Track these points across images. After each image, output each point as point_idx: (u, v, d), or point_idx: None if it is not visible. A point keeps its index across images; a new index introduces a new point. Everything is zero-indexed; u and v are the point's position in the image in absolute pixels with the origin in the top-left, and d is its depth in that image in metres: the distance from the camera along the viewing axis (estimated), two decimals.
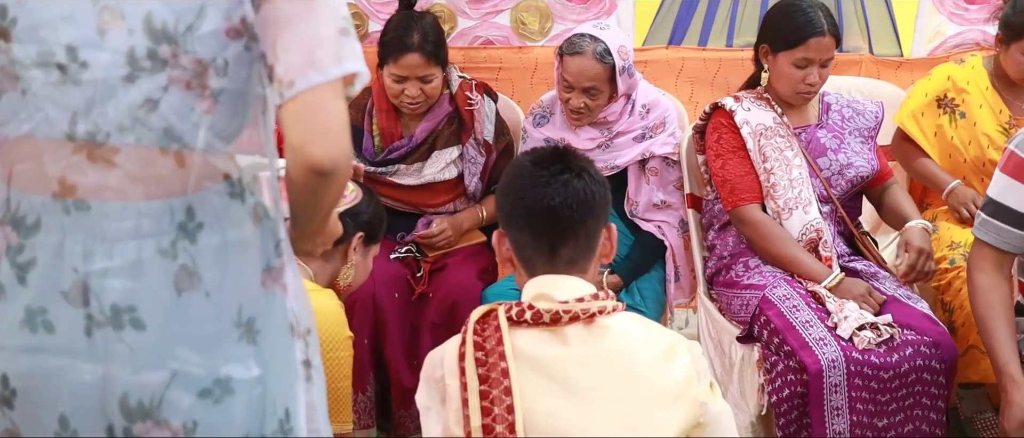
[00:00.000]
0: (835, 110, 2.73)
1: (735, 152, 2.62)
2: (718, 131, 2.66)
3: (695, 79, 3.47)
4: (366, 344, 2.70)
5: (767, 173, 2.58)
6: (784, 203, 2.56)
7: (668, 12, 3.43)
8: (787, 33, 2.53)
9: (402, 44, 2.69)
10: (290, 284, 1.42)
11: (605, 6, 3.42)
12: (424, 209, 2.90)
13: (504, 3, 3.44)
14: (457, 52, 3.46)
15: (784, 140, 2.61)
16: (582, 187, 1.59)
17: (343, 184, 1.36)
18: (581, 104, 2.67)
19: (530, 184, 1.60)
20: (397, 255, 2.81)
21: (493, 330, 1.54)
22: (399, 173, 2.85)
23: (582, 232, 1.60)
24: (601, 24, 2.74)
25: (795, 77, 2.54)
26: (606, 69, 2.64)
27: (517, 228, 1.62)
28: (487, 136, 2.88)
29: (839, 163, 2.64)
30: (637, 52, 3.43)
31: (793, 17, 2.54)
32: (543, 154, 1.66)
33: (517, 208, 1.61)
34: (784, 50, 2.54)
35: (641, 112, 2.78)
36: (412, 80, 2.72)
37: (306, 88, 1.27)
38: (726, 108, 2.65)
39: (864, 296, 2.44)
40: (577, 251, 1.60)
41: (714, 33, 3.46)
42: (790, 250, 2.53)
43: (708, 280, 2.77)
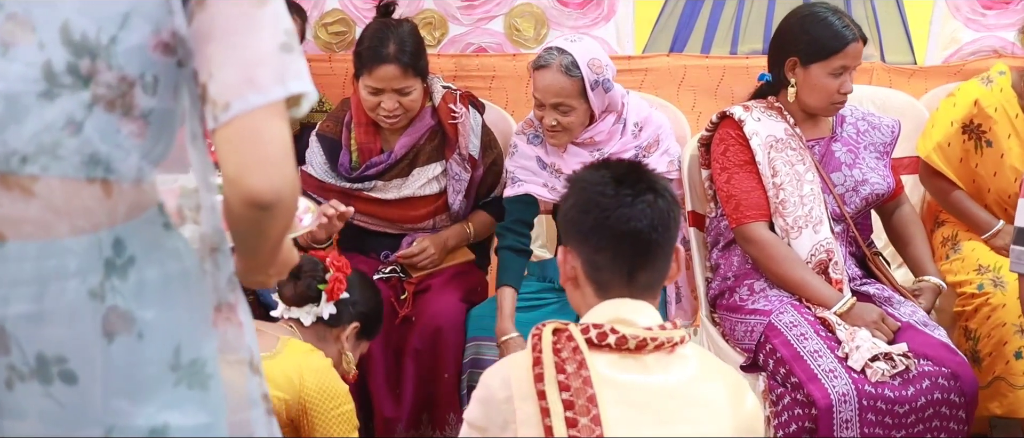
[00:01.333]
0: (850, 123, 2.57)
1: (742, 166, 2.45)
2: (725, 143, 2.49)
3: (698, 88, 3.31)
4: None
5: (776, 188, 2.42)
6: (793, 221, 2.40)
7: (669, 18, 3.27)
8: (824, 42, 2.38)
9: (377, 55, 2.53)
10: (243, 319, 1.29)
11: (603, 12, 3.26)
12: (402, 225, 2.73)
13: (497, 8, 3.29)
14: (448, 60, 3.32)
15: (796, 153, 2.44)
16: (665, 208, 1.53)
17: (288, 217, 1.22)
18: (553, 121, 2.50)
19: (615, 203, 1.51)
20: (380, 276, 2.65)
21: (571, 352, 1.45)
22: (376, 189, 2.68)
23: (661, 256, 1.54)
24: (574, 37, 2.57)
25: (831, 87, 2.39)
26: (574, 83, 2.46)
27: (595, 248, 1.53)
28: (472, 151, 2.71)
29: (854, 179, 2.48)
30: (637, 60, 3.30)
31: (827, 25, 2.39)
32: (623, 170, 1.58)
33: (601, 227, 1.52)
34: (819, 60, 2.38)
35: (634, 131, 2.61)
36: (388, 92, 2.56)
37: (243, 111, 1.12)
38: (735, 117, 2.48)
39: (877, 323, 2.28)
40: (655, 275, 1.55)
41: (718, 40, 3.30)
42: (798, 273, 2.37)
43: (711, 302, 2.61)
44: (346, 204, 2.64)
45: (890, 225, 2.65)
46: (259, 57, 1.14)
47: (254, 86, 1.12)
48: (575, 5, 3.26)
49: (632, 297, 1.52)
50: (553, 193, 2.63)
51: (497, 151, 2.77)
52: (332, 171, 2.68)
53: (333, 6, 3.31)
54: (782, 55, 2.46)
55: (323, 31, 3.33)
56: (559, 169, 2.62)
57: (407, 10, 3.29)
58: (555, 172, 2.63)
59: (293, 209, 1.21)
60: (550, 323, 1.50)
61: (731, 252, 2.54)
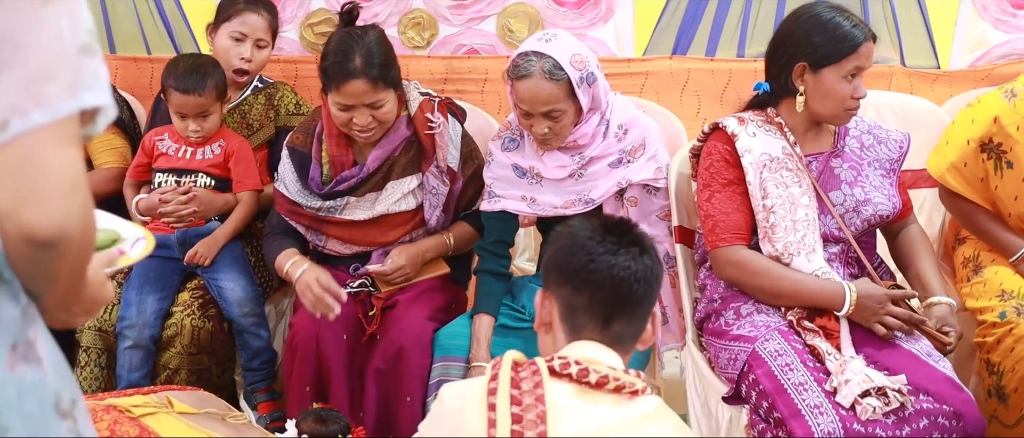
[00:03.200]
0: (854, 137, 2.34)
1: (726, 185, 2.26)
2: (711, 158, 2.30)
3: (702, 92, 3.11)
4: (308, 392, 2.40)
5: (767, 212, 2.21)
6: (784, 247, 2.19)
7: (672, 18, 3.07)
8: (835, 43, 2.18)
9: (343, 70, 2.35)
10: (45, 355, 1.09)
11: (600, 11, 3.08)
12: (377, 247, 2.56)
13: (489, 8, 3.12)
14: (439, 62, 3.17)
15: (791, 174, 2.23)
16: (649, 264, 1.55)
17: (78, 256, 1.04)
18: (545, 129, 2.33)
19: (603, 249, 1.54)
20: (348, 290, 2.49)
21: (531, 374, 1.47)
22: (348, 207, 2.52)
23: (638, 311, 1.56)
24: (547, 34, 2.37)
25: (845, 92, 2.20)
26: (561, 86, 2.28)
27: (574, 290, 1.54)
28: (451, 163, 2.54)
29: (855, 199, 2.26)
30: (637, 62, 3.11)
31: (836, 26, 2.19)
32: (614, 223, 1.63)
33: (583, 269, 1.53)
34: (831, 64, 2.19)
35: (617, 133, 2.42)
36: (359, 108, 2.40)
37: (23, 132, 0.96)
38: (727, 131, 2.28)
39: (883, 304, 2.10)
40: (628, 329, 1.56)
41: (723, 42, 3.09)
42: (790, 278, 2.17)
43: (697, 325, 2.41)
44: (319, 230, 2.52)
45: (894, 245, 2.42)
46: (46, 65, 0.98)
47: (38, 101, 0.96)
48: (571, 5, 3.08)
49: (603, 343, 1.52)
50: (532, 205, 2.46)
51: (479, 162, 2.59)
52: (304, 188, 2.53)
53: (319, 5, 3.17)
54: (788, 61, 2.24)
55: (309, 31, 3.19)
56: (539, 173, 2.45)
57: (395, 9, 3.15)
58: (535, 178, 2.46)
59: (85, 246, 1.04)
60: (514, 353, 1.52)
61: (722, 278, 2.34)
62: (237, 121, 2.82)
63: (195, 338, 2.55)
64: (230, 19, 2.76)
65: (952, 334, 2.15)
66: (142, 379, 2.55)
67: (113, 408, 1.89)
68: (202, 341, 2.56)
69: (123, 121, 2.88)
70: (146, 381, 2.56)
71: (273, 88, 2.87)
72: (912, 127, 2.82)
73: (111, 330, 2.55)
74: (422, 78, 3.15)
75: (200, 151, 2.70)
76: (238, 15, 2.75)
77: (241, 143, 2.73)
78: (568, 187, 2.43)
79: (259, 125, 2.82)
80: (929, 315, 2.20)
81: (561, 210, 2.44)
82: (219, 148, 2.70)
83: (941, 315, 2.20)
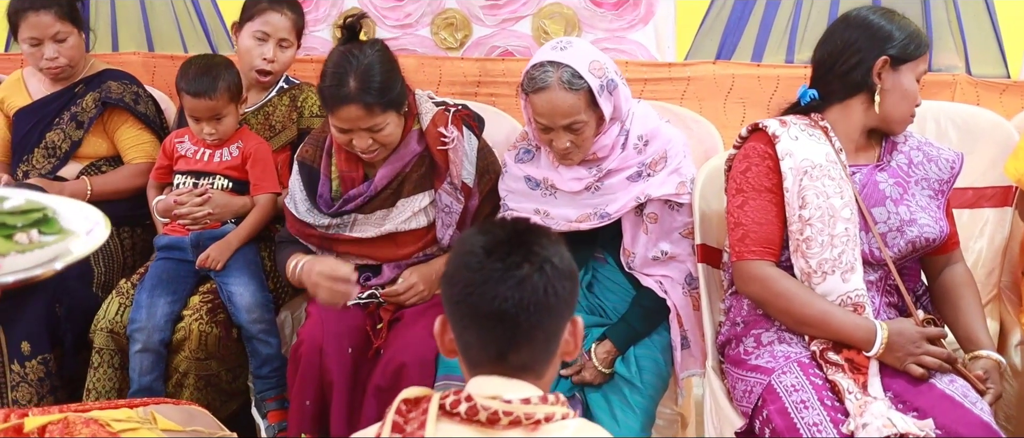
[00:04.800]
0: (902, 152, 2.14)
1: (763, 192, 2.08)
2: (749, 160, 2.12)
3: (748, 99, 2.93)
4: (308, 406, 2.33)
5: (802, 223, 2.03)
6: (818, 264, 2.01)
7: (715, 21, 2.90)
8: (913, 39, 2.07)
9: (336, 95, 2.23)
10: None
11: (640, 13, 2.93)
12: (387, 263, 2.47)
13: (524, 8, 3.00)
14: (472, 64, 3.07)
15: (834, 184, 2.05)
16: (543, 284, 1.34)
17: None
18: (566, 143, 2.20)
19: (480, 278, 1.34)
20: (356, 301, 2.41)
21: (419, 413, 1.36)
22: (357, 224, 2.43)
23: (540, 336, 1.36)
24: (561, 43, 2.23)
25: (916, 94, 2.10)
26: (581, 95, 2.15)
27: (462, 325, 1.39)
28: (466, 178, 2.41)
29: (899, 218, 2.06)
30: (678, 67, 2.95)
31: (908, 23, 2.09)
32: (500, 238, 1.38)
33: (462, 305, 1.36)
34: (912, 59, 2.07)
35: (637, 144, 2.28)
36: (358, 131, 2.29)
37: None
38: (768, 131, 2.11)
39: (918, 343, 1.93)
40: (532, 356, 1.37)
41: (771, 46, 2.90)
42: (817, 305, 1.99)
43: (719, 350, 2.25)
44: (329, 249, 2.44)
45: (937, 285, 2.19)
46: None
47: None
48: (609, 6, 2.94)
49: (504, 375, 1.36)
50: (546, 219, 2.34)
51: (495, 176, 2.47)
52: (312, 206, 2.44)
53: (352, 4, 3.11)
54: (864, 58, 2.05)
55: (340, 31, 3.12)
56: (553, 185, 2.32)
57: (428, 9, 3.06)
58: (549, 190, 2.34)
59: None
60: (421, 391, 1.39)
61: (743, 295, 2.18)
62: (261, 122, 2.77)
63: (202, 343, 2.50)
64: (253, 18, 2.71)
65: (991, 393, 1.94)
66: (154, 382, 2.52)
67: (94, 421, 1.84)
68: (210, 346, 2.51)
69: (150, 117, 2.86)
70: (158, 384, 2.53)
71: (298, 89, 2.81)
72: (977, 142, 2.61)
73: (123, 332, 2.53)
74: (455, 80, 3.08)
75: (218, 153, 2.66)
76: (261, 14, 2.69)
77: (259, 145, 2.67)
78: (583, 200, 2.30)
79: (281, 127, 2.77)
80: (972, 370, 1.99)
81: (575, 224, 2.31)
82: (237, 150, 2.66)
83: (986, 369, 2.00)
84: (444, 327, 1.43)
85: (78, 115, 2.80)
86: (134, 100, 2.83)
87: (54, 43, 2.73)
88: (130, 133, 2.84)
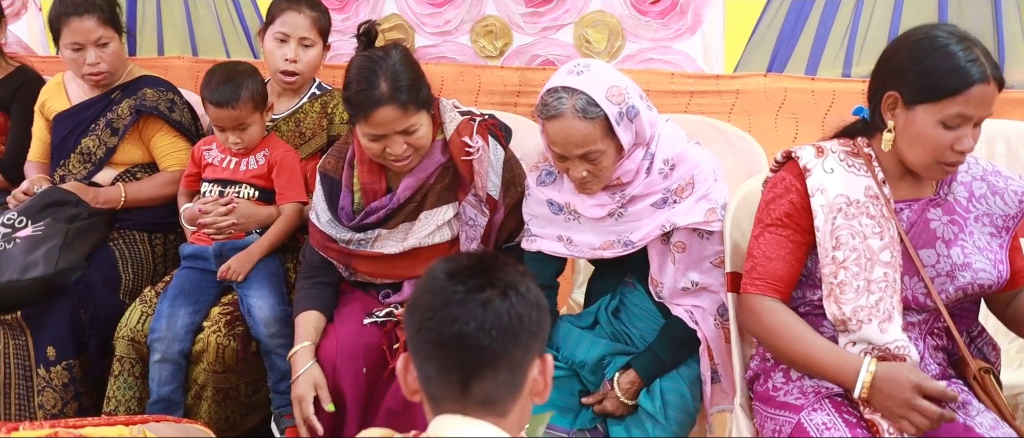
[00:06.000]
0: (962, 183, 1.90)
1: (780, 227, 1.92)
2: (774, 190, 1.96)
3: (801, 115, 2.76)
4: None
5: (836, 266, 1.84)
6: (853, 311, 1.82)
7: (767, 31, 2.74)
8: (938, 78, 1.75)
9: (369, 98, 2.15)
10: None
11: (687, 22, 2.79)
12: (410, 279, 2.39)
13: (566, 16, 2.89)
14: (512, 73, 2.97)
15: (873, 223, 1.84)
16: (506, 310, 1.28)
17: None
18: (583, 173, 2.08)
19: (440, 302, 1.29)
20: (373, 319, 2.34)
21: None
22: (379, 240, 2.35)
23: (503, 365, 1.29)
24: (578, 66, 2.08)
25: (941, 141, 1.77)
26: (597, 124, 2.01)
27: (423, 355, 1.30)
28: (491, 190, 2.32)
29: (950, 261, 1.84)
30: (727, 80, 2.80)
31: (946, 56, 1.75)
32: (463, 264, 1.34)
33: (423, 331, 1.29)
34: (928, 102, 1.76)
35: (663, 169, 2.13)
36: (392, 136, 2.21)
37: None
38: (800, 163, 1.94)
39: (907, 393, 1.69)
40: (495, 389, 1.29)
41: (826, 59, 2.73)
42: (802, 343, 1.84)
43: (748, 384, 2.10)
44: (347, 264, 2.38)
45: (1005, 317, 1.98)
46: None
47: None
48: (654, 14, 2.81)
49: (465, 413, 1.28)
50: (569, 246, 2.22)
51: (522, 189, 2.36)
52: (333, 218, 2.37)
53: (391, 10, 3.04)
54: (880, 87, 1.87)
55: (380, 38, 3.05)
56: (575, 210, 2.20)
57: (468, 16, 2.97)
58: (571, 214, 2.22)
59: None
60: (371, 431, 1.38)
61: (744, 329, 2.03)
62: (292, 129, 2.73)
63: (220, 356, 2.47)
64: (273, 21, 2.66)
65: None
66: (173, 393, 2.49)
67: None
68: (227, 360, 2.47)
69: (184, 125, 2.85)
70: (178, 395, 2.50)
71: (329, 96, 2.76)
72: None
73: (144, 341, 2.51)
74: (495, 90, 2.99)
75: (244, 162, 2.62)
76: (280, 15, 2.65)
77: (285, 153, 2.62)
78: (607, 227, 2.18)
79: (311, 134, 2.72)
80: None
81: (599, 251, 2.19)
82: (263, 158, 2.61)
83: None
84: (407, 365, 1.36)
85: (114, 122, 2.80)
86: (169, 108, 2.82)
87: (96, 48, 2.73)
88: (164, 140, 2.83)
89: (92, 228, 2.70)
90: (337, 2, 3.10)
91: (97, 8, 2.70)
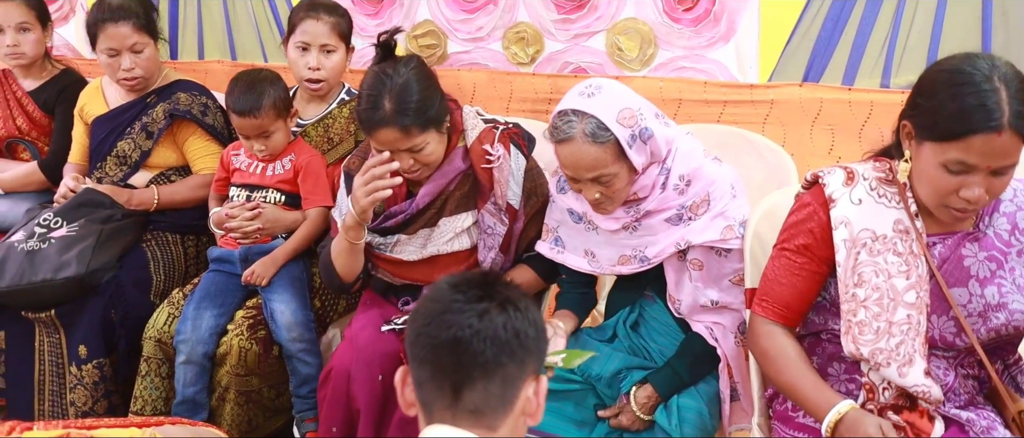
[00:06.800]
0: (1005, 214, 1.76)
1: (794, 253, 1.83)
2: (797, 214, 1.86)
3: (837, 126, 2.68)
4: (334, 433, 2.27)
5: (856, 304, 1.74)
6: (871, 354, 1.73)
7: (802, 40, 2.67)
8: (938, 117, 1.61)
9: (371, 119, 2.15)
10: None
11: (720, 30, 2.73)
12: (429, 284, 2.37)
13: (598, 23, 2.85)
14: (544, 80, 2.94)
15: (900, 261, 1.72)
16: (502, 322, 1.32)
17: None
18: (596, 195, 2.04)
19: (440, 308, 1.33)
20: (392, 326, 2.33)
21: None
22: (399, 245, 2.35)
23: (496, 376, 1.31)
24: (590, 87, 2.03)
25: (943, 185, 1.64)
26: (607, 147, 1.97)
27: (418, 362, 1.33)
28: (511, 200, 2.30)
29: (984, 302, 1.72)
30: (761, 89, 2.73)
31: (960, 95, 1.59)
32: (468, 278, 1.39)
33: (421, 336, 1.33)
34: (932, 140, 1.63)
35: (678, 185, 2.08)
36: (399, 152, 2.20)
37: None
38: (826, 190, 1.80)
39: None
40: (487, 400, 1.31)
41: (865, 68, 2.65)
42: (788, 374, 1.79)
43: (767, 403, 2.04)
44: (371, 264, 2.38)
45: None
46: None
47: None
48: (687, 22, 2.76)
49: (454, 424, 1.30)
50: (592, 261, 2.20)
51: (544, 198, 2.33)
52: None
53: (424, 16, 3.04)
54: (903, 113, 1.74)
55: (413, 43, 3.07)
56: (591, 221, 2.18)
57: (500, 23, 2.96)
58: (590, 225, 2.19)
59: None
60: None
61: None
62: (320, 134, 2.74)
63: (242, 359, 2.49)
64: (294, 29, 2.68)
65: None
66: (197, 394, 2.52)
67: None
68: (249, 363, 2.49)
69: (217, 129, 2.88)
70: (202, 396, 2.53)
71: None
72: None
73: (170, 342, 2.54)
74: (526, 97, 2.97)
75: (270, 167, 2.64)
76: (299, 24, 2.67)
77: (312, 158, 2.64)
78: (622, 240, 2.14)
79: (339, 139, 2.73)
80: None
81: (618, 267, 2.16)
82: (289, 163, 2.63)
83: None
84: (405, 377, 1.38)
85: (148, 126, 2.84)
86: (202, 111, 2.85)
87: (131, 54, 2.78)
88: (197, 144, 2.86)
89: (125, 229, 2.75)
90: (371, 7, 3.11)
91: (132, 14, 2.75)
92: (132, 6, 2.75)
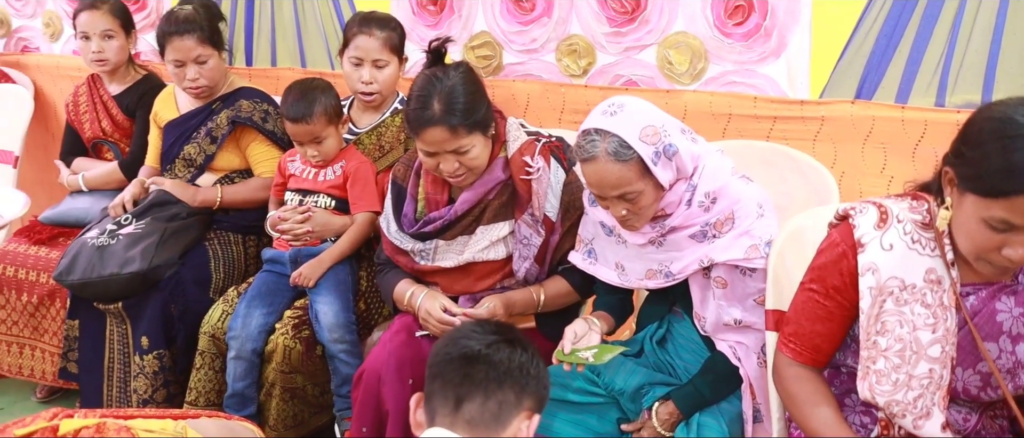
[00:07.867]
0: None
1: (823, 294, 1.77)
2: (825, 254, 1.77)
3: (890, 146, 2.61)
4: (365, 433, 2.34)
5: (876, 352, 1.67)
6: (887, 404, 1.68)
7: (855, 56, 2.61)
8: (983, 171, 1.50)
9: (420, 118, 2.22)
10: None
11: (772, 45, 2.69)
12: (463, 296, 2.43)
13: (648, 37, 2.85)
14: (596, 92, 2.96)
15: (927, 313, 1.64)
16: (508, 354, 1.55)
17: None
18: (622, 212, 2.06)
19: (461, 334, 1.60)
20: (426, 333, 2.40)
21: None
22: (438, 252, 2.41)
23: (494, 397, 1.51)
24: (612, 106, 2.04)
25: (985, 241, 1.55)
26: (631, 165, 1.98)
27: (431, 377, 1.56)
28: (549, 212, 2.33)
29: (1014, 359, 1.64)
30: (812, 106, 2.69)
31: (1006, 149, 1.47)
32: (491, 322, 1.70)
33: (437, 353, 1.58)
34: (975, 193, 1.53)
35: (703, 202, 2.07)
36: (444, 154, 2.27)
37: None
38: (855, 233, 1.70)
39: None
40: (482, 415, 1.50)
41: (919, 86, 2.57)
42: (814, 421, 1.75)
43: (788, 426, 2.02)
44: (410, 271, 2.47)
45: None
46: None
47: None
48: (739, 37, 2.73)
49: (452, 429, 1.48)
50: (622, 275, 2.22)
51: (581, 212, 2.36)
52: (398, 226, 2.46)
53: (481, 28, 3.09)
54: (948, 156, 1.62)
55: (470, 54, 3.13)
56: (619, 234, 2.19)
57: (553, 35, 2.99)
58: (618, 238, 2.21)
59: None
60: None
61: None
62: (374, 142, 2.83)
63: (287, 357, 2.59)
64: (347, 44, 2.77)
65: None
66: (246, 389, 2.64)
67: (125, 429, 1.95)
68: (293, 361, 2.60)
69: (278, 134, 3.00)
70: (251, 391, 2.65)
71: None
72: None
73: (223, 337, 2.67)
74: (578, 109, 2.99)
75: (322, 173, 2.74)
76: (352, 39, 2.76)
77: (360, 164, 2.73)
78: (649, 254, 2.15)
79: (390, 147, 2.81)
80: None
81: (645, 281, 2.17)
82: (340, 169, 2.73)
83: None
84: (418, 403, 1.57)
85: (213, 131, 2.99)
86: (263, 118, 2.98)
87: (196, 65, 2.93)
88: (259, 149, 2.99)
89: (188, 228, 2.90)
90: (431, 18, 3.19)
91: (197, 28, 2.89)
92: (197, 18, 2.90)
